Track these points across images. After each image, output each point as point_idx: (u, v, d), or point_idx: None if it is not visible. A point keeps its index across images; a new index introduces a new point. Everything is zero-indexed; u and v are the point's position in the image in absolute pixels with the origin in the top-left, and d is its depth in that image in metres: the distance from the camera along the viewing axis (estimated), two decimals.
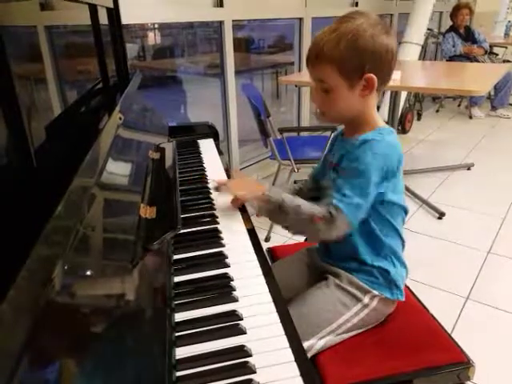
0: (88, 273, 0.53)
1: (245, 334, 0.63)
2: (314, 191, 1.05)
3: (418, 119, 4.49)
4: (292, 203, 0.85)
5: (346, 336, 0.90)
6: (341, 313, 0.90)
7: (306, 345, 0.85)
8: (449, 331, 0.94)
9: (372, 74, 0.82)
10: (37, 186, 0.59)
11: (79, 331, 0.45)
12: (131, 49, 2.54)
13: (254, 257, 0.83)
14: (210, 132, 1.58)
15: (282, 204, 0.86)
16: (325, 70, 0.83)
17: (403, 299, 0.95)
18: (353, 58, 0.81)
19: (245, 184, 1.02)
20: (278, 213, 0.87)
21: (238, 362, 0.58)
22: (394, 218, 0.91)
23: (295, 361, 0.59)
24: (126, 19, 1.39)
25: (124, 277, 0.60)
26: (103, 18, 1.20)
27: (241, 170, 2.91)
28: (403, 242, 0.95)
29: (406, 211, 0.93)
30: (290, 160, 2.16)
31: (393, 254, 0.92)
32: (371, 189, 0.82)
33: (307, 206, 0.85)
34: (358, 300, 0.91)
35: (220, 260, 0.81)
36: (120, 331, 0.51)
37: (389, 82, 0.89)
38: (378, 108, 3.17)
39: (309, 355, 0.85)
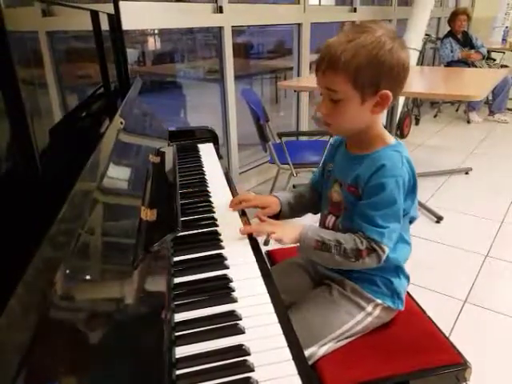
0: (90, 274, 0.54)
1: (243, 333, 0.64)
2: (314, 200, 1.05)
3: (416, 124, 4.51)
4: (331, 239, 0.85)
5: (346, 341, 0.90)
6: (344, 321, 0.89)
7: (307, 352, 0.84)
8: (446, 334, 0.94)
9: (388, 91, 0.79)
10: (41, 190, 0.60)
11: (81, 331, 0.46)
12: (131, 54, 2.56)
13: (253, 259, 0.83)
14: (210, 136, 1.59)
15: (321, 242, 0.85)
16: (338, 80, 0.78)
17: (403, 309, 0.95)
18: (370, 72, 0.77)
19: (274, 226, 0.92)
20: (319, 251, 0.86)
21: (237, 360, 0.59)
22: (406, 228, 0.91)
23: (293, 359, 0.59)
24: (126, 25, 1.41)
25: (125, 278, 0.61)
26: (104, 24, 1.21)
27: (240, 174, 2.92)
28: (410, 248, 0.94)
29: (412, 220, 0.93)
30: (288, 164, 2.18)
31: (398, 265, 0.92)
32: (401, 210, 0.83)
33: (347, 241, 0.84)
34: (362, 308, 0.91)
35: (219, 262, 0.82)
36: (122, 331, 0.52)
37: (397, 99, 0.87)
38: None
39: (310, 363, 0.84)
